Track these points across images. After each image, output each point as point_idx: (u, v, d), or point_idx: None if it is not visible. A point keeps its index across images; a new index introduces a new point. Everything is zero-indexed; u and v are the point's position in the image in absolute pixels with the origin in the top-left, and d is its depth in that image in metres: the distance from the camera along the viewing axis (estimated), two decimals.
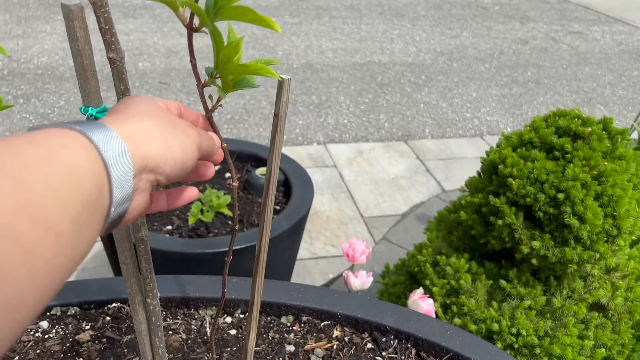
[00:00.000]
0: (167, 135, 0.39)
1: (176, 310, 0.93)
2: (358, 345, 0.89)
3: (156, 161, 0.37)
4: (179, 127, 0.41)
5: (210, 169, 0.51)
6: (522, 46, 4.55)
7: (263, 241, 0.63)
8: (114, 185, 0.33)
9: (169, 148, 0.38)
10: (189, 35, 0.43)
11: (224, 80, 0.48)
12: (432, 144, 2.85)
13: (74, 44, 0.44)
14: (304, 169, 1.43)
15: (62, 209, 0.28)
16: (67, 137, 0.31)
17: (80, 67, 0.45)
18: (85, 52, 0.44)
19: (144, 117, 0.39)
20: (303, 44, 4.13)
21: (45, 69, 3.32)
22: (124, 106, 0.41)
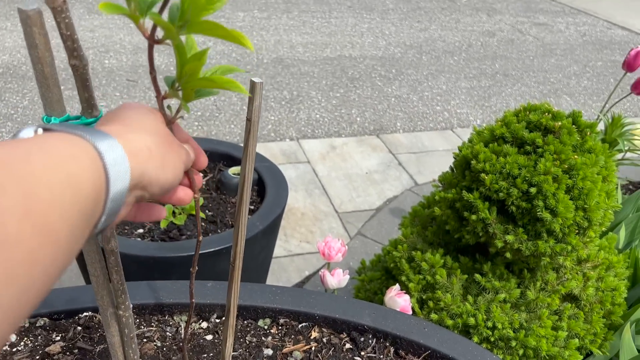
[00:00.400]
0: (165, 157, 0.40)
1: (150, 317, 0.91)
2: (337, 346, 0.89)
3: (150, 180, 0.38)
4: (174, 148, 0.42)
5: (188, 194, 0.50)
6: (490, 38, 4.61)
7: (238, 248, 0.62)
8: (109, 200, 0.34)
9: (164, 169, 0.40)
10: (150, 47, 0.41)
11: (185, 92, 0.46)
12: (403, 138, 2.87)
13: (34, 51, 0.41)
14: (277, 168, 1.42)
15: (63, 219, 0.29)
16: (76, 147, 0.32)
17: (41, 75, 0.43)
18: (45, 60, 0.42)
19: (148, 135, 0.40)
20: (273, 38, 4.09)
21: (6, 67, 3.22)
22: (126, 116, 0.41)
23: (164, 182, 0.40)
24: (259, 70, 3.51)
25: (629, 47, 4.78)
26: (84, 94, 0.44)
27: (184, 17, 0.37)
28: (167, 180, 0.40)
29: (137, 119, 0.41)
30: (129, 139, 0.37)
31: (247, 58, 3.68)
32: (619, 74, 4.12)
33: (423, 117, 3.13)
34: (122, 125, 0.39)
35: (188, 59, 0.41)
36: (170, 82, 0.45)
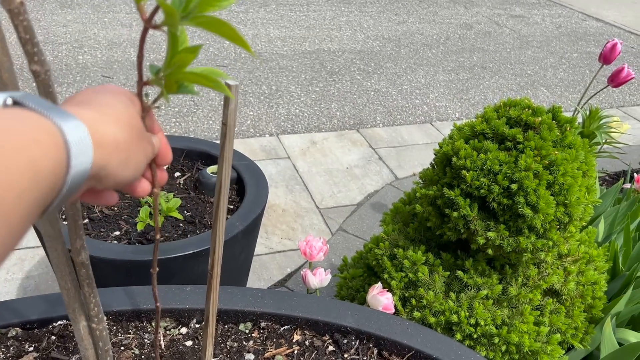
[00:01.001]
0: (131, 153, 0.39)
1: (127, 324, 0.88)
2: (319, 348, 0.88)
3: (108, 174, 0.37)
4: (142, 144, 0.41)
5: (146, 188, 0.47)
6: (467, 31, 4.62)
7: (216, 255, 0.60)
8: (65, 186, 0.33)
9: (126, 166, 0.39)
10: (144, 30, 0.39)
11: (168, 82, 0.44)
12: (383, 132, 2.86)
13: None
14: (257, 166, 1.40)
15: (18, 202, 0.28)
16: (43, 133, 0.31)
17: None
18: (3, 65, 0.39)
19: (121, 127, 0.38)
20: (250, 32, 4.05)
21: None
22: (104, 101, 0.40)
23: (122, 178, 0.39)
24: (237, 64, 3.47)
25: (603, 38, 4.85)
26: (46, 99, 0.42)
27: (188, 8, 0.36)
28: (127, 177, 0.40)
29: (114, 107, 0.39)
30: (99, 129, 0.36)
31: (225, 52, 3.63)
32: (594, 65, 4.17)
33: (402, 111, 3.13)
34: (97, 113, 0.38)
35: (180, 50, 0.39)
36: (155, 70, 0.43)
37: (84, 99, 0.39)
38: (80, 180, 0.34)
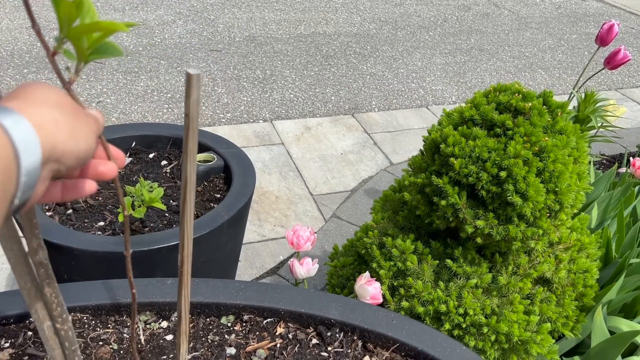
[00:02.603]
0: (75, 126, 0.39)
1: (106, 318, 0.87)
2: (303, 341, 0.86)
3: (63, 151, 0.37)
4: (82, 117, 0.41)
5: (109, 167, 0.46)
6: (465, 12, 4.55)
7: (185, 252, 0.57)
8: (22, 173, 0.33)
9: (75, 140, 0.39)
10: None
11: (76, 46, 0.43)
12: (378, 117, 2.83)
13: None
14: (245, 154, 1.37)
15: None
16: None
17: None
18: None
19: (53, 107, 0.39)
20: (245, 15, 3.99)
21: None
22: (27, 93, 0.39)
23: (77, 152, 0.39)
24: (230, 49, 3.42)
25: (603, 19, 4.78)
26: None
27: None
28: (80, 149, 0.40)
29: (39, 94, 0.40)
30: (33, 112, 0.36)
31: (219, 37, 3.58)
32: (593, 47, 4.11)
33: (398, 95, 3.09)
34: (24, 101, 0.38)
35: (60, 3, 0.37)
36: (58, 39, 0.41)
37: (6, 98, 0.39)
38: (35, 164, 0.34)
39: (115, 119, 2.56)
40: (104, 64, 3.09)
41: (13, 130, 0.33)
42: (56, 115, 0.38)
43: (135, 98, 2.75)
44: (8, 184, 0.32)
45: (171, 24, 3.71)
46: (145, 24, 3.64)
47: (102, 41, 0.44)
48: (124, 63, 3.11)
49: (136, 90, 2.82)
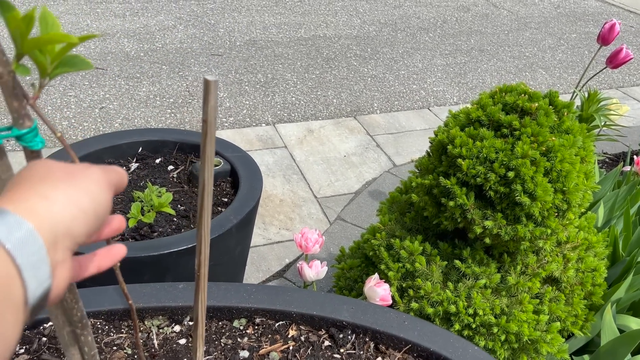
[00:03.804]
0: (68, 190, 0.35)
1: (120, 323, 0.87)
2: (315, 344, 0.86)
3: (66, 224, 0.33)
4: (76, 175, 0.37)
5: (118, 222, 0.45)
6: (464, 13, 4.56)
7: (202, 256, 0.58)
8: (23, 270, 0.29)
9: (74, 203, 0.35)
10: None
11: (36, 61, 0.42)
12: (381, 119, 2.83)
13: None
14: (251, 158, 1.38)
15: None
16: None
17: None
18: None
19: (38, 184, 0.35)
20: (245, 20, 4.00)
21: None
22: (14, 183, 0.36)
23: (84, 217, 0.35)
24: (231, 53, 3.43)
25: (602, 18, 4.79)
26: (12, 103, 0.40)
27: None
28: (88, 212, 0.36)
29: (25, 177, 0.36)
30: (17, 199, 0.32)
31: (220, 41, 3.59)
32: (593, 45, 4.12)
33: (400, 97, 3.09)
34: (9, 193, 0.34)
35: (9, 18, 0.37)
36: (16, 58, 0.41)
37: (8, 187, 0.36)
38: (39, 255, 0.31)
39: (119, 125, 2.57)
40: (105, 70, 3.10)
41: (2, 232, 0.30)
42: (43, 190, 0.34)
43: (138, 103, 2.76)
44: (9, 288, 0.29)
45: (172, 29, 3.71)
46: (146, 30, 3.65)
47: (65, 54, 0.42)
48: (126, 69, 3.11)
49: (139, 96, 2.83)
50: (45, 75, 0.42)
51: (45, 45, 0.40)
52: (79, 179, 0.37)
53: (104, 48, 3.36)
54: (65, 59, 0.43)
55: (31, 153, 0.44)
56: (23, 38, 0.39)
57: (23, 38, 0.39)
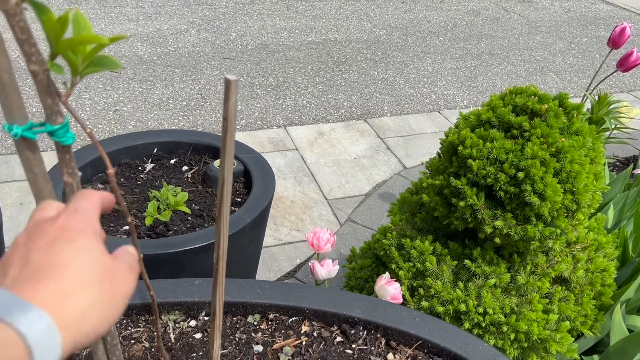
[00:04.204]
0: (103, 307, 0.35)
1: (137, 318, 0.89)
2: (327, 339, 0.88)
3: (87, 335, 0.33)
4: (116, 285, 0.37)
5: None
6: (475, 17, 4.57)
7: (221, 250, 0.60)
8: None
9: (104, 319, 0.35)
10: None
11: (68, 60, 0.44)
12: (391, 122, 2.85)
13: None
14: (264, 159, 1.40)
15: None
16: None
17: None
18: (2, 66, 0.39)
19: (84, 291, 0.34)
20: (257, 24, 4.03)
21: None
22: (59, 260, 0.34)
23: (104, 329, 0.35)
24: (243, 56, 3.46)
25: (613, 22, 4.78)
26: (46, 100, 0.42)
27: None
28: (108, 323, 0.35)
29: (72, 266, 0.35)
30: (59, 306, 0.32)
31: (232, 45, 3.62)
32: (604, 49, 4.11)
33: (410, 100, 3.11)
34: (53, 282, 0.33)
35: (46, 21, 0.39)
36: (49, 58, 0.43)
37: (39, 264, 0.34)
38: None
39: (132, 127, 2.61)
40: (119, 73, 3.15)
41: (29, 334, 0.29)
42: (85, 304, 0.33)
43: (151, 106, 2.80)
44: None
45: (184, 33, 3.76)
46: (159, 33, 3.70)
47: (96, 54, 0.44)
48: (140, 72, 3.16)
49: (152, 99, 2.87)
50: (76, 74, 0.45)
51: (78, 45, 0.43)
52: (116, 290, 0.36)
53: (117, 51, 3.41)
54: (95, 59, 0.45)
55: (62, 148, 0.47)
56: (57, 39, 0.41)
57: (57, 39, 0.41)
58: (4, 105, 0.42)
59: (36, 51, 0.39)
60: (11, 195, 2.08)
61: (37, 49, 0.39)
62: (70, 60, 0.44)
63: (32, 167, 0.46)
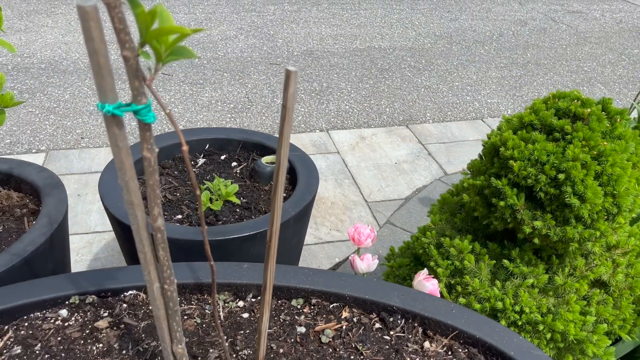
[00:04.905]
0: None
1: (190, 296, 0.96)
2: (366, 325, 0.92)
3: None
4: None
5: None
6: (522, 27, 4.53)
7: (274, 227, 0.65)
8: None
9: None
10: None
11: (154, 48, 0.51)
12: (433, 128, 2.87)
13: (90, 43, 0.46)
14: (308, 157, 1.46)
15: None
16: None
17: (96, 66, 0.47)
18: (101, 51, 0.46)
19: None
20: (303, 31, 4.12)
21: (48, 62, 3.34)
22: None
23: None
24: (289, 62, 3.55)
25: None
26: (134, 82, 0.49)
27: None
28: None
29: None
30: None
31: (278, 51, 3.72)
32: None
33: (453, 107, 3.12)
34: None
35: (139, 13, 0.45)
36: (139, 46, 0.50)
37: None
38: None
39: (182, 127, 2.72)
40: (171, 75, 3.28)
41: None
42: None
43: (201, 108, 2.91)
44: None
45: (233, 38, 3.88)
46: (209, 39, 3.83)
47: (176, 45, 0.52)
48: (190, 75, 3.29)
49: (201, 101, 2.98)
50: (160, 60, 0.51)
51: (164, 35, 0.49)
52: None
53: None
54: (175, 49, 0.52)
55: (144, 126, 0.53)
56: (147, 29, 0.48)
57: (147, 29, 0.48)
58: (99, 86, 0.48)
59: (129, 39, 0.46)
60: (69, 187, 2.21)
61: (130, 38, 0.46)
62: (155, 48, 0.51)
63: (117, 142, 0.53)
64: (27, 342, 0.86)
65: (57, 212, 1.17)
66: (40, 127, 2.64)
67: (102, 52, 0.47)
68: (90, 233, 1.96)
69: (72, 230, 1.97)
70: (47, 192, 1.22)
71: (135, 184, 0.57)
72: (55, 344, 0.86)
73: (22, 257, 1.05)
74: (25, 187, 1.28)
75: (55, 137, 2.58)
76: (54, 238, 1.13)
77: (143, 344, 0.87)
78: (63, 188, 1.24)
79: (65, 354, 0.85)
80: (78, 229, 1.98)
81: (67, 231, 1.26)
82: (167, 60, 0.53)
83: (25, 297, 0.91)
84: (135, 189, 0.57)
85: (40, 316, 0.91)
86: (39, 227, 1.12)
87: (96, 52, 0.47)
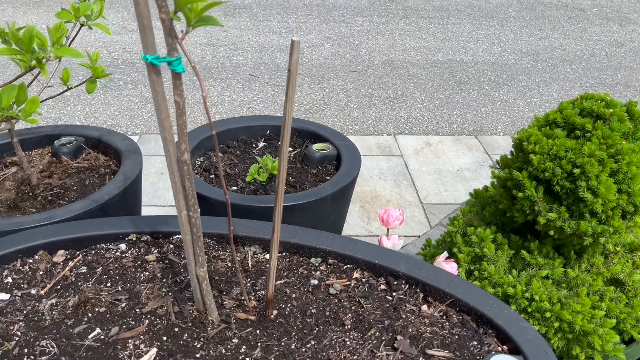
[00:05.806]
0: None
1: (226, 245, 1.12)
2: (373, 285, 1.03)
3: None
4: None
5: None
6: (617, 48, 4.36)
7: (281, 176, 0.79)
8: None
9: None
10: None
11: (185, 14, 0.65)
12: (502, 140, 2.88)
13: (137, 7, 0.62)
14: (354, 145, 1.58)
15: None
16: None
17: (141, 25, 0.64)
18: (144, 14, 0.63)
19: None
20: (387, 42, 4.25)
21: None
22: None
23: None
24: (368, 70, 3.69)
25: None
26: (168, 39, 0.65)
27: None
28: None
29: None
30: None
31: (359, 59, 3.88)
32: None
33: (527, 122, 3.10)
34: None
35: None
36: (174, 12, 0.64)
37: None
38: None
39: None
40: (257, 77, 3.54)
41: None
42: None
43: (280, 107, 3.12)
44: None
45: (319, 46, 4.09)
46: None
47: (203, 13, 0.66)
48: (274, 77, 3.52)
49: (281, 101, 3.20)
50: (189, 24, 0.67)
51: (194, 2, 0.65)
52: None
53: (259, 59, 3.82)
54: (203, 17, 0.68)
55: (175, 75, 0.69)
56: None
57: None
58: (144, 41, 0.65)
59: (165, 4, 0.62)
60: (155, 166, 2.48)
61: (166, 3, 0.62)
62: (186, 14, 0.67)
63: (155, 87, 0.70)
64: (92, 265, 1.06)
65: (132, 171, 1.38)
66: (138, 114, 2.97)
67: (146, 14, 0.64)
68: (166, 206, 2.20)
69: (152, 202, 2.22)
70: (127, 156, 1.45)
71: (168, 122, 0.73)
72: (112, 269, 1.06)
73: (99, 203, 1.26)
74: (111, 151, 1.52)
75: (149, 123, 2.90)
76: (127, 191, 1.34)
77: (180, 276, 1.04)
78: (140, 154, 1.46)
79: (119, 277, 1.04)
80: (157, 202, 2.23)
81: (140, 188, 1.48)
82: (196, 25, 0.68)
83: (95, 230, 1.12)
84: (169, 127, 0.73)
85: (104, 247, 1.11)
86: (115, 182, 1.34)
87: (141, 15, 0.64)
